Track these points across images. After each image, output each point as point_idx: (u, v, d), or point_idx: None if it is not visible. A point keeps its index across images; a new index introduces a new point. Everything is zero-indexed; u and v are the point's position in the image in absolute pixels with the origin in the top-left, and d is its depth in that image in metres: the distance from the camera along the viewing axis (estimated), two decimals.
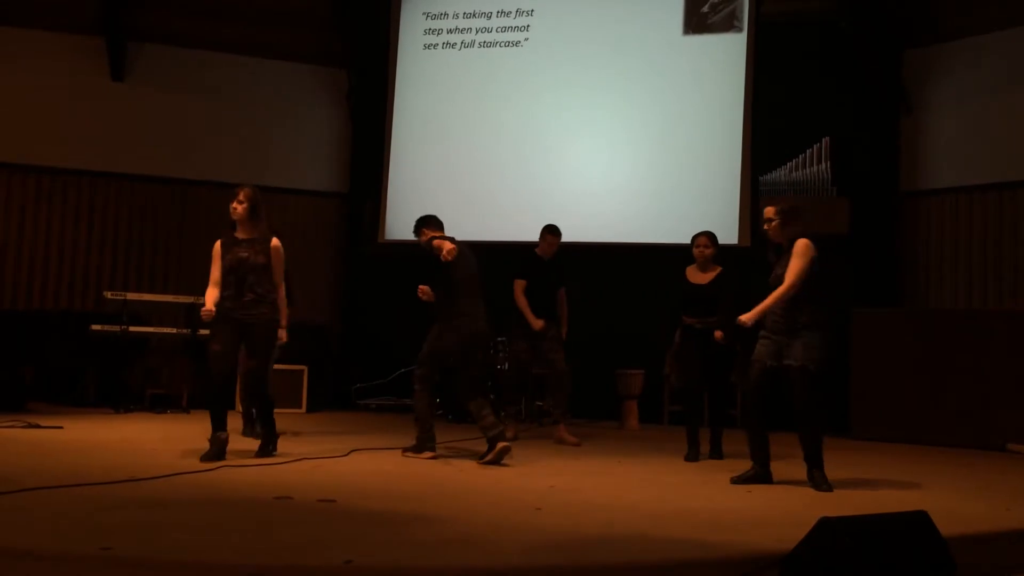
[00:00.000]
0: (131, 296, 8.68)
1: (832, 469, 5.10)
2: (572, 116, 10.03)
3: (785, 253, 5.08)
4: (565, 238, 7.43)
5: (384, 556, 2.88)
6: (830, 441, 5.38)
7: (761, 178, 9.40)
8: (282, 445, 5.60)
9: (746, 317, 5.08)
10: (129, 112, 10.15)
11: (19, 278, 9.99)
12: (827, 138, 9.26)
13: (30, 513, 3.35)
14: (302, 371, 9.13)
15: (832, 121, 9.34)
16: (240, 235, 5.36)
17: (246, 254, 5.30)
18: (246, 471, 4.69)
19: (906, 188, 9.54)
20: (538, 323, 6.89)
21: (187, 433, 6.36)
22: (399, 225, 10.11)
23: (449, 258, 5.43)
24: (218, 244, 5.41)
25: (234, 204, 5.35)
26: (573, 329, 7.35)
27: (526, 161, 10.01)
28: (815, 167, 9.38)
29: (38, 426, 6.54)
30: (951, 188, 9.32)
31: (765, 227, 5.22)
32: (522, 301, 6.96)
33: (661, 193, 9.69)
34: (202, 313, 5.30)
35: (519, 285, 7.01)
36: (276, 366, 6.89)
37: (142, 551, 2.79)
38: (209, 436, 5.18)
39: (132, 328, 8.53)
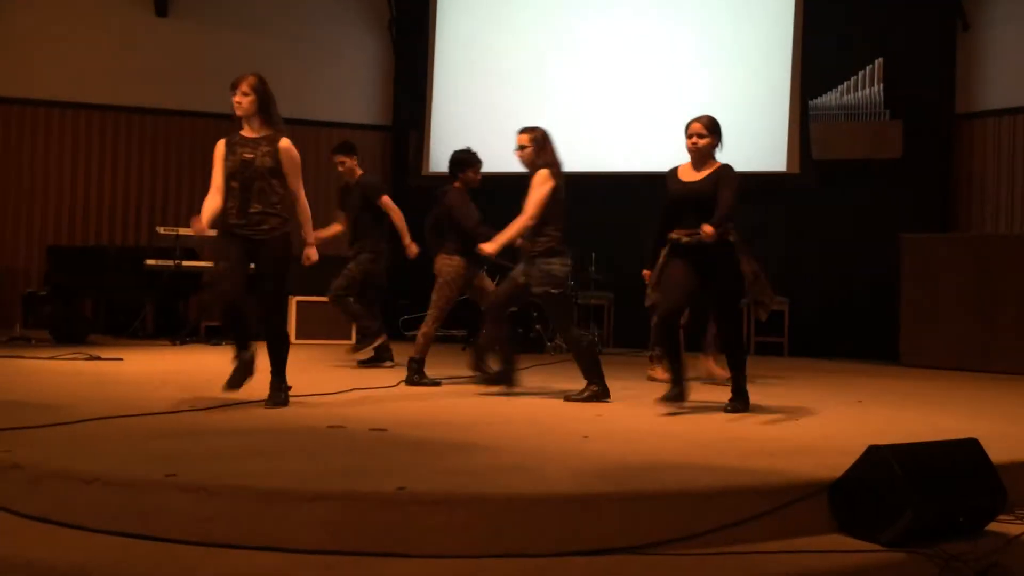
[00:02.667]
0: (182, 231, 8.83)
1: (880, 396, 5.08)
2: (616, 40, 9.84)
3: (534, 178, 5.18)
4: (607, 168, 7.34)
5: (435, 483, 2.95)
6: (879, 368, 5.35)
7: (811, 102, 9.17)
8: (332, 377, 5.68)
9: (489, 247, 5.13)
10: (173, 47, 10.19)
11: (75, 214, 10.23)
12: (880, 59, 8.98)
13: (97, 441, 3.49)
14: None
15: (886, 41, 9.05)
16: (247, 133, 4.54)
17: (251, 155, 4.46)
18: (299, 400, 4.81)
19: (962, 110, 9.24)
20: None
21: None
22: (443, 157, 10.03)
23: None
24: (221, 144, 4.57)
25: (237, 98, 4.48)
26: (617, 262, 7.30)
27: (570, 89, 9.87)
28: (867, 89, 9.12)
29: (99, 358, 6.75)
30: (1009, 109, 9.01)
31: (517, 153, 5.25)
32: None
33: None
34: (191, 225, 4.60)
35: None
36: (325, 298, 6.94)
37: (204, 477, 2.89)
38: (233, 358, 4.57)
39: (185, 263, 8.70)
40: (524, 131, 5.37)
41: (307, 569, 2.59)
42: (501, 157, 6.39)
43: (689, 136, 4.80)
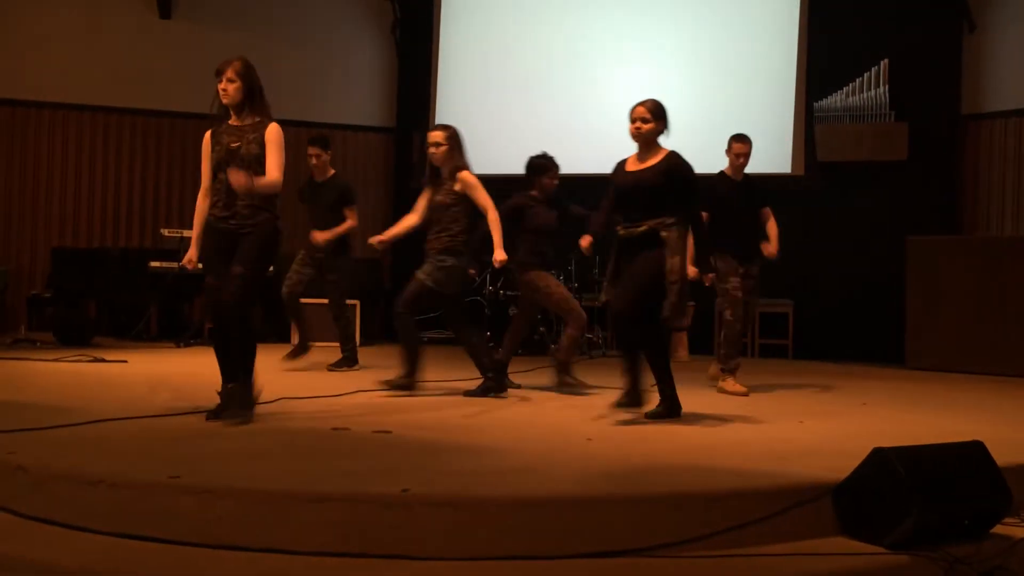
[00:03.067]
0: (187, 233, 8.83)
1: (885, 398, 5.07)
2: (621, 43, 9.84)
3: (447, 181, 5.27)
4: (611, 170, 7.34)
5: (440, 485, 2.95)
6: (884, 371, 5.34)
7: (816, 104, 9.16)
8: (336, 379, 5.67)
9: (500, 256, 5.21)
10: (177, 49, 10.21)
11: (79, 216, 10.25)
12: (885, 60, 8.98)
13: (101, 443, 3.49)
14: (355, 305, 9.26)
15: (891, 42, 9.04)
16: (233, 122, 4.21)
17: (238, 143, 4.13)
18: (303, 403, 4.82)
19: (968, 111, 9.23)
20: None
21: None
22: None
23: None
24: (207, 136, 4.25)
25: (222, 85, 4.13)
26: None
27: (574, 90, 9.87)
28: (873, 91, 9.11)
29: (103, 360, 6.76)
30: (1016, 110, 9.00)
31: (431, 151, 5.27)
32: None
33: (712, 120, 9.49)
34: (185, 264, 4.35)
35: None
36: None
37: (208, 479, 2.90)
38: (219, 389, 4.21)
39: (200, 265, 8.73)
40: (439, 128, 5.37)
41: (312, 571, 2.59)
42: (505, 159, 6.39)
43: (632, 121, 4.51)
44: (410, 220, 5.48)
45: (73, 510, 2.88)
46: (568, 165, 8.86)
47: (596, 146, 7.83)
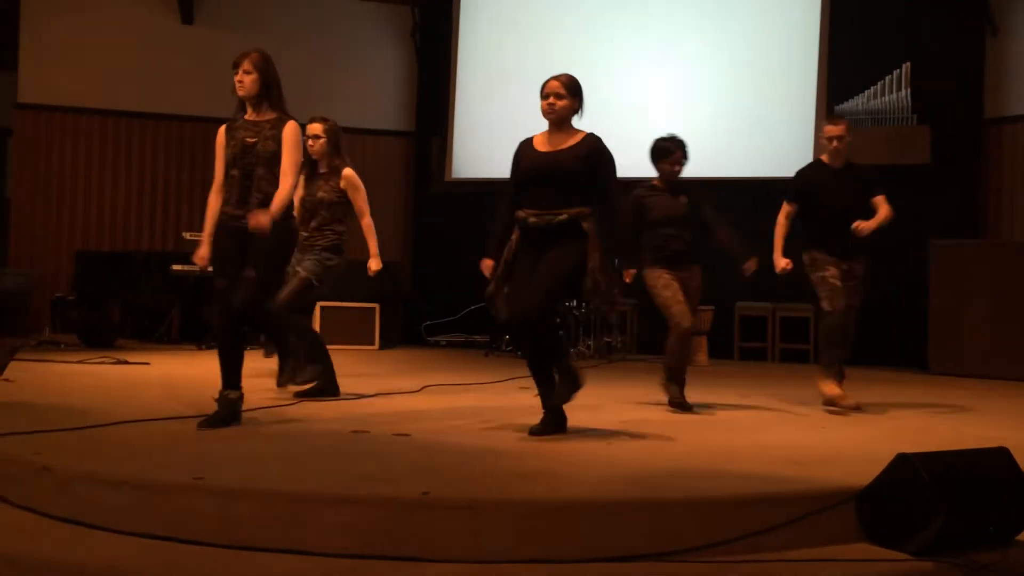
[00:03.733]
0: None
1: (909, 404, 5.03)
2: (641, 48, 9.83)
3: (329, 176, 5.18)
4: (632, 174, 7.24)
5: (460, 488, 2.95)
6: (907, 376, 5.30)
7: (837, 107, 9.11)
8: (355, 382, 5.68)
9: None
10: (199, 54, 10.29)
11: (103, 220, 10.36)
12: (907, 63, 8.92)
13: (125, 445, 3.52)
14: (374, 309, 9.31)
15: (913, 45, 8.97)
16: (249, 117, 4.12)
17: (254, 139, 4.02)
18: (323, 405, 4.84)
19: (990, 115, 9.14)
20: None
21: (263, 369, 6.56)
22: (466, 163, 10.12)
23: None
24: (221, 131, 4.14)
25: (239, 76, 4.02)
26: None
27: (593, 96, 9.82)
28: (894, 94, 9.05)
29: (126, 362, 6.82)
30: None
31: (309, 143, 5.14)
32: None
33: (732, 125, 9.48)
34: (196, 261, 4.17)
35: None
36: (349, 303, 6.95)
37: (230, 481, 2.91)
38: (215, 395, 4.09)
39: (211, 268, 8.78)
40: (318, 120, 5.23)
41: (332, 573, 2.59)
42: None
43: (545, 97, 4.09)
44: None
45: (97, 511, 2.91)
46: None
47: (617, 150, 7.80)
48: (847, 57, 9.06)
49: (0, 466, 3.27)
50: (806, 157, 9.19)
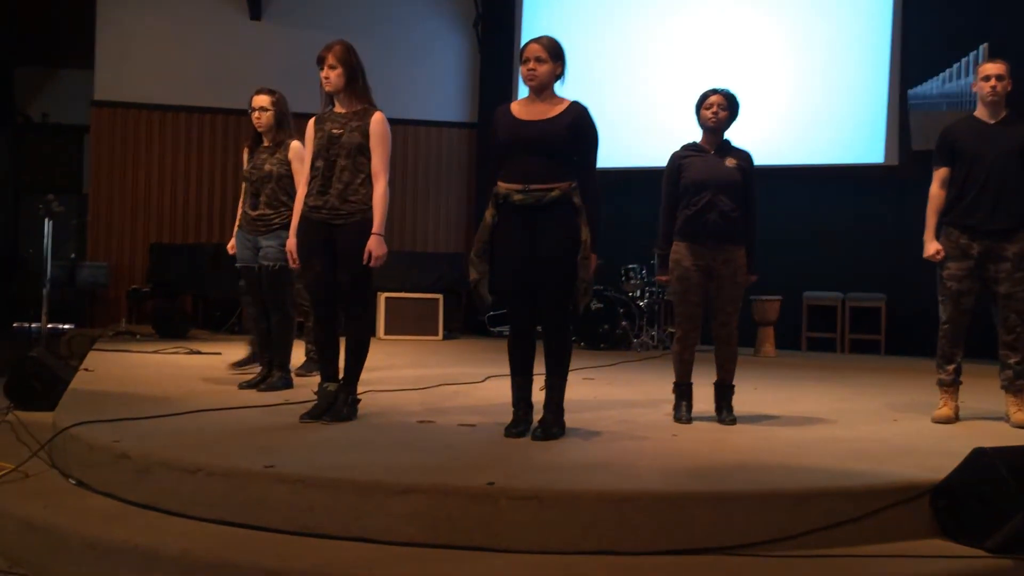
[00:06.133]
0: None
1: (984, 396, 4.87)
2: (708, 30, 9.70)
3: (275, 149, 5.03)
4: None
5: (525, 479, 2.96)
6: (983, 367, 5.14)
7: (911, 91, 8.85)
8: (420, 373, 5.70)
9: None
10: (267, 49, 10.49)
11: (175, 214, 10.66)
12: (984, 45, 8.59)
13: (200, 433, 3.62)
14: (437, 300, 9.38)
15: (989, 26, 8.65)
16: (338, 109, 4.07)
17: (340, 131, 3.99)
18: (390, 396, 4.90)
19: None
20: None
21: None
22: None
23: None
24: (311, 123, 4.13)
25: (324, 72, 4.00)
26: None
27: (658, 82, 9.77)
28: (971, 77, 8.73)
29: (199, 352, 6.99)
30: None
31: (256, 115, 5.01)
32: None
33: (803, 109, 9.29)
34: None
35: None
36: (413, 294, 7.01)
37: (301, 469, 2.97)
38: (314, 389, 4.15)
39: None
40: (264, 92, 5.05)
41: (399, 561, 2.63)
42: None
43: (525, 61, 3.73)
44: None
45: (174, 497, 3.00)
46: (650, 159, 8.79)
47: (677, 140, 7.73)
48: (921, 39, 8.79)
49: (81, 453, 3.40)
50: (878, 142, 8.98)
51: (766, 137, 9.11)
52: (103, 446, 3.31)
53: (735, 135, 4.48)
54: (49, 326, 8.66)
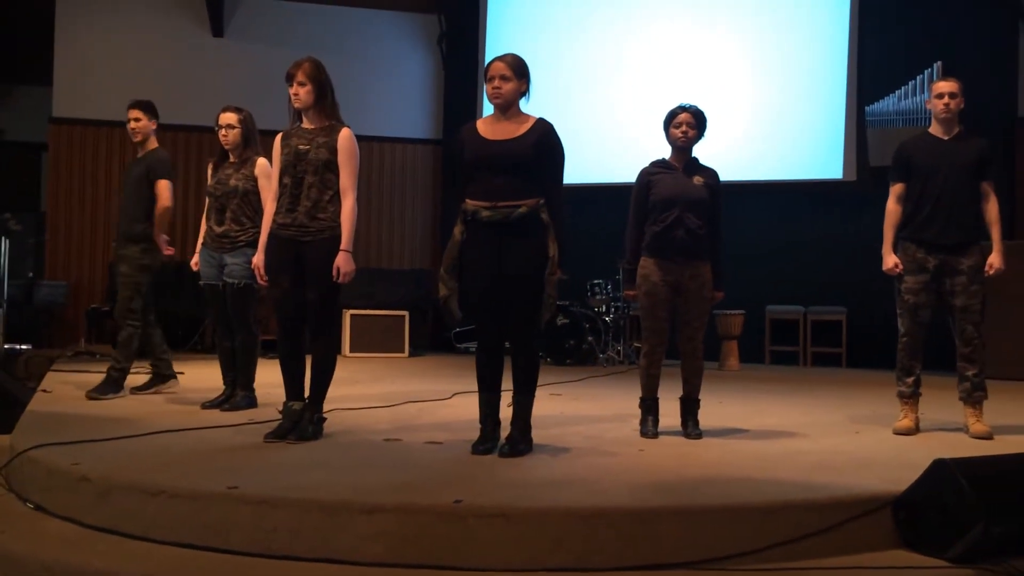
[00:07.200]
0: None
1: (944, 408, 4.96)
2: (667, 49, 9.81)
3: (240, 166, 5.04)
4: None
5: (492, 497, 2.95)
6: (943, 379, 5.22)
7: (868, 108, 9.02)
8: (385, 387, 5.67)
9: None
10: (229, 66, 10.43)
11: None
12: (939, 62, 8.80)
13: (160, 454, 3.56)
14: (403, 316, 9.35)
15: (945, 44, 8.86)
16: (305, 125, 4.07)
17: (307, 147, 3.98)
18: (356, 414, 4.86)
19: None
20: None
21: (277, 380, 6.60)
22: None
23: None
24: (277, 140, 4.11)
25: (294, 89, 4.00)
26: None
27: (620, 101, 9.86)
28: (927, 94, 8.93)
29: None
30: None
31: (223, 133, 5.05)
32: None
33: (760, 127, 9.43)
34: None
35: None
36: (378, 311, 6.99)
37: (266, 490, 2.94)
38: (281, 406, 4.13)
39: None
40: (231, 110, 5.07)
41: None
42: None
43: (489, 80, 3.74)
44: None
45: (135, 521, 2.95)
46: (612, 175, 8.86)
47: (644, 155, 7.80)
48: (877, 57, 8.98)
49: (40, 476, 3.34)
50: (837, 158, 9.13)
51: (727, 153, 9.22)
52: (62, 469, 3.25)
53: (697, 151, 4.54)
54: (6, 346, 8.49)
